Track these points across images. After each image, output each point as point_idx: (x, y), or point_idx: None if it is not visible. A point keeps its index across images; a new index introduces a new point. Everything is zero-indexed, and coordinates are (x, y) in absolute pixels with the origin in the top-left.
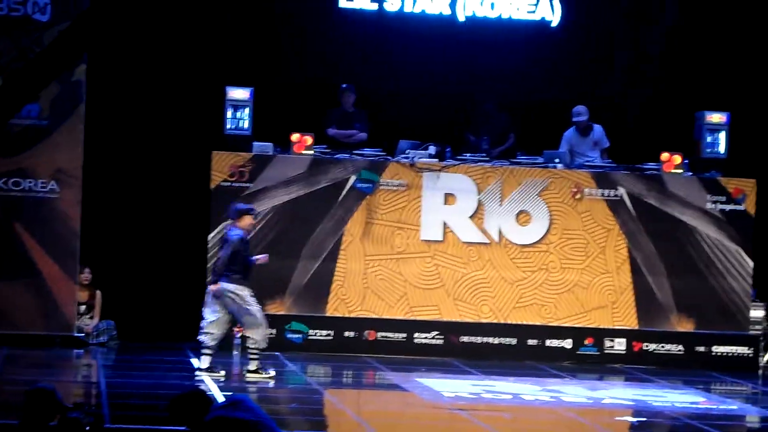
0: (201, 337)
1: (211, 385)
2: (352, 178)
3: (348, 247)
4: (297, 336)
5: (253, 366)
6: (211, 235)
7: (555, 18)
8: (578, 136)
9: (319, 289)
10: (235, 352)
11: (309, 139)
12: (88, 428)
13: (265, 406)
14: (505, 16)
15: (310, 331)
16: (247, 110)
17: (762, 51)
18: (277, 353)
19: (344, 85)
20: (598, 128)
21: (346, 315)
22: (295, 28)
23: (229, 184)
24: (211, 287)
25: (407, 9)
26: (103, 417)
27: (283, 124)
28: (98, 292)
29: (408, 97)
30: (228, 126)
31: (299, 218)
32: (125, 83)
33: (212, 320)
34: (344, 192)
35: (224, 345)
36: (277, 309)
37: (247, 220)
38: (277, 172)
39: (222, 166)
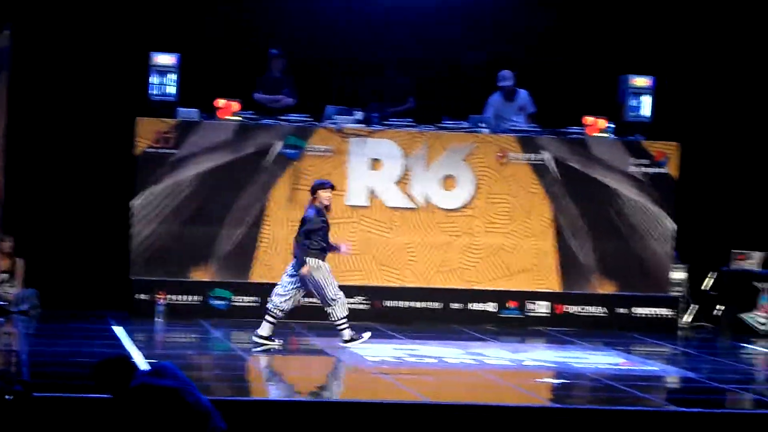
0: (270, 306)
1: (135, 352)
2: (279, 144)
3: (273, 213)
4: (221, 302)
5: (346, 336)
6: (137, 201)
7: None
8: (503, 101)
9: (244, 255)
10: (157, 319)
11: (235, 105)
12: (11, 397)
13: (189, 372)
14: None
15: (234, 298)
16: (172, 76)
17: (687, 14)
18: (201, 320)
19: (274, 51)
20: (523, 93)
21: (271, 281)
22: None
23: (153, 150)
24: (302, 271)
25: None
26: (30, 385)
27: (211, 90)
28: (20, 261)
29: (337, 64)
30: (153, 92)
31: (225, 185)
32: (50, 50)
33: (286, 297)
34: (270, 158)
35: (147, 311)
36: (201, 276)
37: (321, 195)
38: (203, 139)
39: (147, 132)
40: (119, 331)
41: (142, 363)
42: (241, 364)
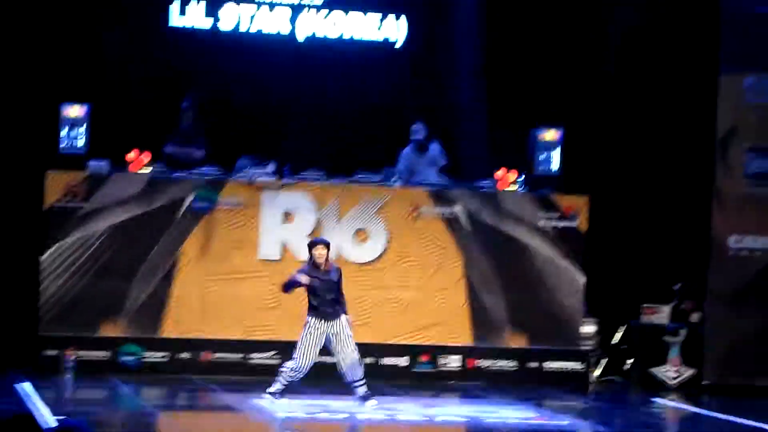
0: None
1: (44, 409)
2: (190, 198)
3: (185, 268)
4: (131, 358)
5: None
6: (44, 256)
7: (400, 38)
8: (416, 154)
9: (155, 310)
10: (67, 376)
11: (146, 158)
12: None
13: (100, 430)
14: (346, 36)
15: (145, 353)
16: (82, 128)
17: (593, 66)
18: (111, 377)
19: (184, 104)
20: (435, 146)
21: (182, 336)
22: (126, 46)
23: (62, 204)
24: None
25: (243, 29)
26: None
27: (122, 142)
28: None
29: (250, 114)
30: (63, 144)
31: (135, 238)
32: None
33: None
34: (181, 211)
35: (56, 368)
36: (111, 331)
37: (312, 253)
38: (113, 192)
39: (56, 186)
40: (27, 387)
41: (50, 420)
42: (150, 420)
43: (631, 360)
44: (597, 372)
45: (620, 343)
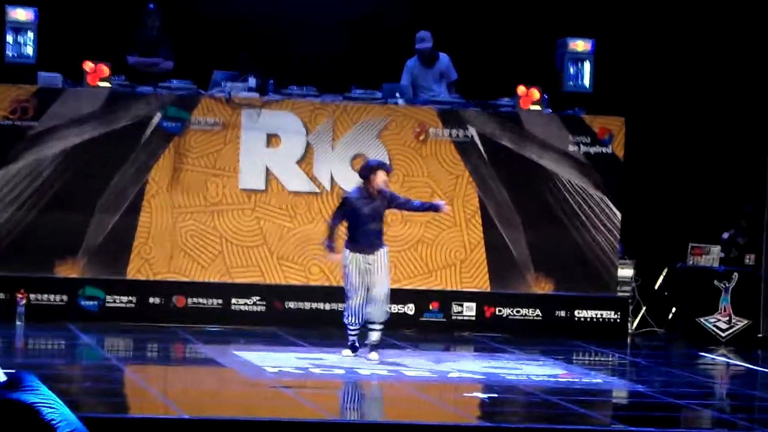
0: None
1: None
2: (158, 116)
3: (153, 198)
4: (92, 303)
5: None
6: None
7: None
8: (422, 67)
9: (119, 247)
10: (17, 322)
11: (106, 69)
12: None
13: (54, 385)
14: None
15: (108, 297)
16: (30, 34)
17: None
18: (68, 324)
19: (150, 5)
20: (444, 57)
21: (151, 278)
22: None
23: (10, 122)
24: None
25: None
26: None
27: (75, 52)
28: None
29: (226, 19)
30: (8, 53)
31: (94, 163)
32: None
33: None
34: (148, 132)
35: (5, 313)
36: (69, 272)
37: (376, 179)
38: (68, 109)
39: (1, 100)
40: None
41: None
42: (116, 375)
43: (675, 309)
44: (635, 322)
45: (662, 289)
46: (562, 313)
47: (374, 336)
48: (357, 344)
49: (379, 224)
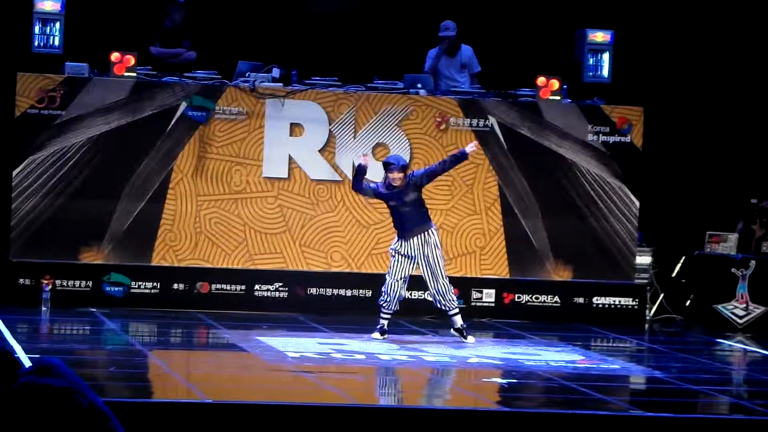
0: None
1: (16, 346)
2: (183, 105)
3: (177, 186)
4: (117, 289)
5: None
6: (17, 170)
7: None
8: (444, 57)
9: (144, 234)
10: (42, 308)
11: (132, 59)
12: None
13: (81, 370)
14: None
15: (133, 283)
16: (58, 24)
17: None
18: (93, 309)
19: None
20: (467, 49)
21: (175, 264)
22: None
23: (36, 111)
24: None
25: None
26: None
27: (102, 42)
28: None
29: (250, 11)
30: (36, 43)
31: (120, 152)
32: None
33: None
34: (173, 121)
35: (31, 299)
36: (94, 258)
37: (389, 175)
38: (94, 98)
39: (28, 90)
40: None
41: (24, 359)
42: (140, 361)
43: (693, 296)
44: (653, 309)
45: (680, 277)
46: (581, 300)
47: (457, 322)
48: (386, 328)
49: (416, 209)
